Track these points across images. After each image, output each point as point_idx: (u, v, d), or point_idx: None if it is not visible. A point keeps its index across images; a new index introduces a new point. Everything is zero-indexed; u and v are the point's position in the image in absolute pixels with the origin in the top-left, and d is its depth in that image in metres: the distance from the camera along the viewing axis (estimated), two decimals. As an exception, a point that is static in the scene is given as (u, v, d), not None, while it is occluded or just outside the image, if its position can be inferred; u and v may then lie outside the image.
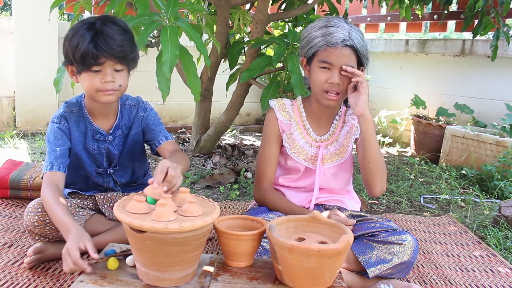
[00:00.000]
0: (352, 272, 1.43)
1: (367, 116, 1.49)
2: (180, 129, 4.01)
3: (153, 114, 1.66)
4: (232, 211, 2.18)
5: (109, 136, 1.59)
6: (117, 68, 1.42)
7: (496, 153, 2.92)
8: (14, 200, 2.11)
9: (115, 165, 1.65)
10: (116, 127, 1.60)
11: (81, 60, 1.37)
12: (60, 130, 1.53)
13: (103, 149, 1.60)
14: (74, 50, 1.37)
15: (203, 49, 1.86)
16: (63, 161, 1.51)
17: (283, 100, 1.66)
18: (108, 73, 1.39)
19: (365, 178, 1.57)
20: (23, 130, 3.50)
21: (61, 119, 1.54)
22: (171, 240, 1.05)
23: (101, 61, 1.37)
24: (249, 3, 2.97)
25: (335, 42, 1.44)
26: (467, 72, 3.68)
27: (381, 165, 1.54)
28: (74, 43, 1.37)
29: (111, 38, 1.36)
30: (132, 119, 1.63)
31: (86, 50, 1.34)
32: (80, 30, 1.38)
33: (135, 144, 1.66)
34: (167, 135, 1.64)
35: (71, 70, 1.46)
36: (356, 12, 4.75)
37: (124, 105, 1.63)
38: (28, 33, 3.42)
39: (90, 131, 1.58)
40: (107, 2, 2.19)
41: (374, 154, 1.52)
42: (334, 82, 1.46)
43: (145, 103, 1.67)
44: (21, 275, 1.45)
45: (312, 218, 1.24)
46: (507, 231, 2.05)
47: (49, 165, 1.48)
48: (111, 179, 1.67)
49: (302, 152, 1.61)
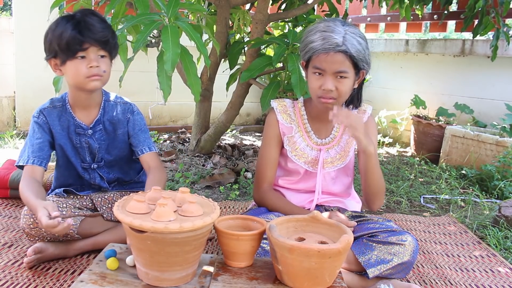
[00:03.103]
0: (352, 272, 1.43)
1: (369, 152, 1.47)
2: (180, 129, 4.02)
3: (139, 118, 1.68)
4: (232, 211, 2.18)
5: (89, 130, 1.61)
6: (101, 54, 1.47)
7: (496, 153, 2.92)
8: (14, 200, 2.11)
9: (99, 160, 1.66)
10: (97, 122, 1.62)
11: (66, 47, 1.42)
12: (37, 124, 1.58)
13: (84, 142, 1.62)
14: (59, 39, 1.43)
15: (204, 49, 1.86)
16: (40, 155, 1.54)
17: (284, 102, 1.65)
18: (93, 58, 1.45)
19: (365, 196, 1.60)
20: (23, 130, 3.50)
21: (40, 114, 1.59)
22: (171, 240, 1.05)
23: (85, 47, 1.43)
24: (249, 3, 2.97)
25: (327, 48, 1.40)
26: (467, 72, 3.68)
27: (381, 189, 1.56)
28: (57, 33, 1.44)
29: (92, 26, 1.44)
30: (117, 117, 1.64)
31: (71, 37, 1.41)
32: (61, 22, 1.45)
33: (121, 144, 1.67)
34: (151, 146, 1.67)
35: (54, 64, 1.51)
36: (356, 12, 4.75)
37: (108, 101, 1.65)
38: (28, 33, 3.42)
39: (73, 125, 1.61)
40: (107, 2, 2.19)
41: (376, 182, 1.54)
42: (326, 89, 1.43)
43: (133, 106, 1.69)
44: (21, 275, 1.45)
45: (312, 218, 1.24)
46: (507, 231, 2.05)
47: (26, 159, 1.53)
48: (97, 175, 1.68)
49: (302, 155, 1.61)
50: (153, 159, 1.65)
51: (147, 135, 1.68)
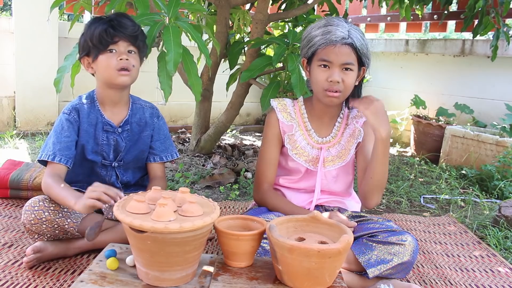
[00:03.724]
0: (352, 272, 1.43)
1: (378, 134, 1.46)
2: (180, 129, 4.02)
3: (164, 124, 1.76)
4: (232, 211, 2.18)
5: (119, 128, 1.64)
6: (130, 49, 1.54)
7: (496, 153, 2.92)
8: (14, 200, 2.11)
9: (120, 159, 1.68)
10: (126, 122, 1.66)
11: (98, 40, 1.50)
12: (68, 121, 1.58)
13: (111, 140, 1.64)
14: (92, 34, 1.52)
15: (205, 49, 1.86)
16: (66, 154, 1.55)
17: (284, 101, 1.65)
18: (123, 51, 1.53)
19: (363, 190, 1.55)
20: (23, 130, 3.50)
21: (72, 110, 1.60)
22: (171, 240, 1.05)
23: (116, 40, 1.51)
24: (249, 3, 2.97)
25: (334, 40, 1.43)
26: (467, 72, 3.68)
27: (382, 183, 1.52)
28: (92, 30, 1.53)
29: (124, 23, 1.54)
30: (145, 120, 1.69)
31: (103, 30, 1.50)
32: (95, 21, 1.55)
33: (143, 146, 1.71)
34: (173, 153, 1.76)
35: (87, 63, 1.57)
36: (356, 12, 4.75)
37: (136, 104, 1.70)
38: (28, 33, 3.42)
39: (101, 123, 1.63)
40: (107, 2, 2.19)
41: (379, 173, 1.50)
42: (334, 80, 1.44)
43: (158, 111, 1.75)
44: (21, 275, 1.45)
45: (312, 218, 1.24)
46: (507, 231, 2.05)
47: (51, 155, 1.53)
48: (114, 173, 1.69)
49: (303, 153, 1.61)
50: (161, 169, 1.73)
51: (171, 141, 1.77)
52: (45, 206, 1.48)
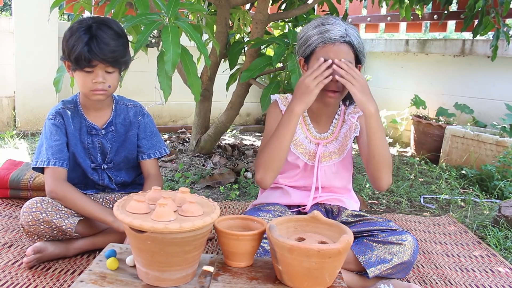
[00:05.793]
0: (352, 272, 1.43)
1: (367, 111, 1.44)
2: (180, 129, 4.02)
3: (149, 121, 1.72)
4: (232, 211, 2.18)
5: (102, 130, 1.64)
6: (108, 71, 1.50)
7: (496, 153, 2.92)
8: (14, 200, 2.11)
9: (109, 161, 1.67)
10: (109, 124, 1.65)
11: (75, 61, 1.47)
12: (55, 126, 1.59)
13: (96, 142, 1.64)
14: (70, 51, 1.47)
15: (204, 49, 1.86)
16: (60, 156, 1.56)
17: (286, 95, 1.67)
18: (99, 74, 1.48)
19: (371, 173, 1.52)
20: (23, 130, 3.50)
21: (56, 115, 1.60)
22: (171, 240, 1.05)
23: (93, 64, 1.46)
24: (249, 3, 2.96)
25: (333, 38, 1.44)
26: (467, 72, 3.68)
27: (386, 159, 1.48)
28: (70, 44, 1.47)
29: (105, 44, 1.45)
30: (129, 119, 1.68)
31: (80, 53, 1.44)
32: (77, 32, 1.47)
33: (131, 146, 1.69)
34: (161, 149, 1.73)
35: (67, 65, 1.55)
36: (356, 12, 4.75)
37: (119, 104, 1.68)
38: (28, 33, 3.42)
39: (85, 126, 1.63)
40: (107, 2, 2.19)
41: (379, 148, 1.46)
42: (334, 80, 1.45)
43: (143, 109, 1.73)
44: (21, 275, 1.45)
45: (312, 218, 1.24)
46: (507, 231, 2.05)
47: (46, 161, 1.54)
48: (106, 176, 1.69)
49: (301, 146, 1.62)
50: (154, 166, 1.71)
51: (158, 138, 1.74)
52: (43, 207, 1.48)
